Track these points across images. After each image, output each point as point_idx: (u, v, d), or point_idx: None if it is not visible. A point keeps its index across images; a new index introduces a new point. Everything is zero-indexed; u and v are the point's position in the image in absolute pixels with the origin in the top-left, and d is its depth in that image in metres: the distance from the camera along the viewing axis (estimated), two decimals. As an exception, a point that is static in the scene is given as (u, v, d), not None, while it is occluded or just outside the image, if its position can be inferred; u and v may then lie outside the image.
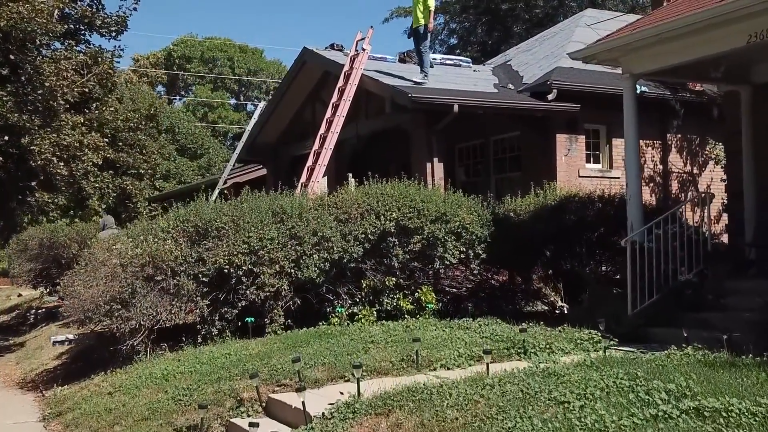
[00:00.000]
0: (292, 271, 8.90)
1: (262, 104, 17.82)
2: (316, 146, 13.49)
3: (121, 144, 17.65)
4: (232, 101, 60.10)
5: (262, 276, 8.71)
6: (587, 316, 8.46)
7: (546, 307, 10.73)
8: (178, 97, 61.10)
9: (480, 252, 9.89)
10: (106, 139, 14.92)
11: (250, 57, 59.29)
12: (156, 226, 9.06)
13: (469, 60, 17.32)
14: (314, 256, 8.99)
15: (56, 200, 15.21)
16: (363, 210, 9.44)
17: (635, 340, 7.81)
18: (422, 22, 13.42)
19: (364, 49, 13.81)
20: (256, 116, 17.66)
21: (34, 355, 11.75)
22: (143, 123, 18.38)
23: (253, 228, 8.79)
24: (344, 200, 9.68)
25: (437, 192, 10.38)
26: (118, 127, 16.62)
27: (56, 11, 12.09)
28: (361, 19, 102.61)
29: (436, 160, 12.77)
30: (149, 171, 19.33)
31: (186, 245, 8.73)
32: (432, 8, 13.44)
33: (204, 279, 8.62)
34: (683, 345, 6.62)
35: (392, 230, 9.41)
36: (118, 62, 15.52)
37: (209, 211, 8.89)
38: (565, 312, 9.23)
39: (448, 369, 6.54)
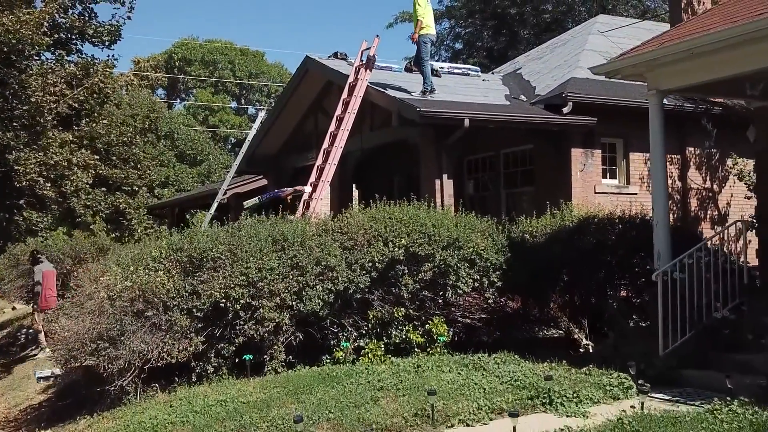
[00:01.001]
0: (294, 303, 8.25)
1: (262, 114, 17.17)
2: (319, 161, 12.85)
3: (114, 158, 16.93)
4: (233, 104, 59.49)
5: (261, 310, 8.06)
6: (613, 354, 7.84)
7: (562, 333, 10.10)
8: (178, 100, 60.56)
9: (495, 279, 9.24)
10: (97, 157, 14.20)
11: (251, 60, 58.66)
12: (147, 254, 8.41)
13: (478, 69, 16.67)
14: (318, 287, 8.34)
15: (45, 219, 14.57)
16: (370, 236, 8.79)
17: (668, 384, 7.18)
18: (422, 30, 12.79)
19: (369, 60, 13.16)
20: (256, 127, 17.02)
21: (20, 385, 11.12)
22: (139, 136, 17.69)
23: (251, 258, 8.14)
24: (350, 225, 9.03)
25: (448, 215, 9.73)
26: (111, 142, 15.94)
27: (45, 22, 11.40)
28: (365, 22, 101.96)
29: (445, 176, 12.12)
30: (143, 187, 18.61)
31: (179, 276, 8.08)
32: (419, 18, 12.73)
33: (198, 314, 7.96)
34: (726, 398, 5.98)
35: (401, 258, 8.77)
36: (112, 72, 14.84)
37: (204, 239, 8.24)
38: (589, 348, 8.58)
39: (467, 425, 5.90)
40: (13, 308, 22.28)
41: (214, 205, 16.67)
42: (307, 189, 12.84)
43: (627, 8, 23.83)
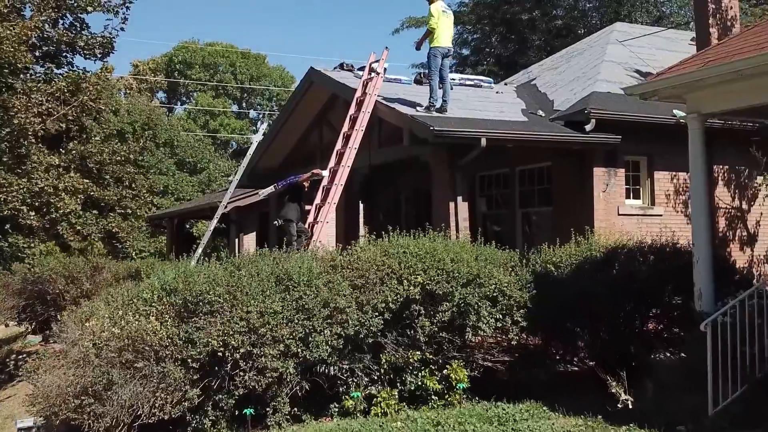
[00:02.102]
0: (299, 350, 7.46)
1: (263, 127, 16.41)
2: (325, 182, 12.07)
3: (108, 177, 16.12)
4: (234, 108, 58.74)
5: (263, 358, 7.27)
6: (656, 412, 7.04)
7: (588, 368, 9.31)
8: (179, 104, 59.85)
9: (519, 319, 8.45)
10: (87, 181, 13.32)
11: (252, 63, 57.90)
12: (137, 297, 7.63)
13: (491, 80, 15.89)
14: (325, 331, 7.56)
15: (33, 244, 13.78)
16: (383, 274, 8.00)
17: (720, 448, 6.40)
18: (433, 42, 12.02)
19: (378, 73, 12.39)
20: (257, 140, 16.26)
21: (3, 426, 10.32)
22: (133, 155, 16.86)
23: (252, 301, 7.36)
24: (360, 260, 8.24)
25: (466, 247, 8.94)
26: (103, 161, 15.12)
27: (31, 39, 10.55)
28: (369, 26, 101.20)
29: (460, 199, 11.34)
30: (137, 210, 17.78)
31: (173, 322, 7.30)
32: (431, 27, 12.00)
33: (194, 364, 7.18)
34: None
35: (417, 297, 7.99)
36: (105, 84, 13.99)
37: (200, 280, 7.45)
38: (628, 404, 7.77)
39: None
40: (6, 325, 21.54)
41: (213, 223, 15.88)
42: (325, 173, 12.07)
43: (642, 14, 23.03)
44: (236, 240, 21.87)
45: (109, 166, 15.19)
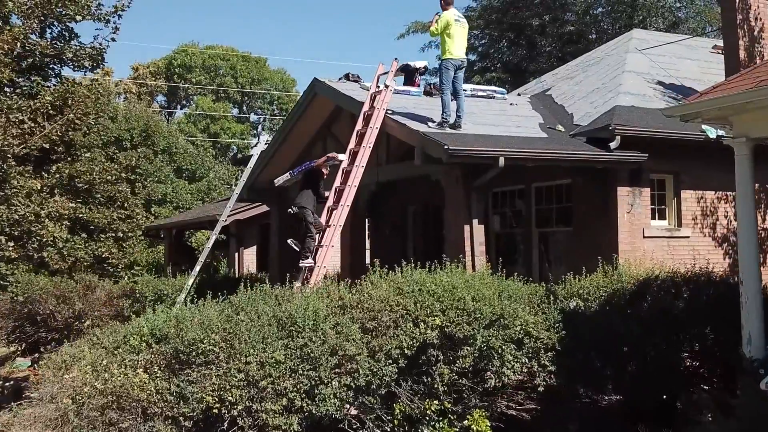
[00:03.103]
0: (305, 404, 6.67)
1: (264, 138, 15.65)
2: (330, 202, 11.28)
3: (99, 196, 15.23)
4: (235, 111, 58.02)
5: (264, 414, 6.49)
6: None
7: (621, 417, 8.52)
8: (179, 107, 59.14)
9: (547, 363, 7.67)
10: (73, 205, 12.44)
11: (253, 66, 57.15)
12: (124, 341, 6.84)
13: (504, 91, 15.08)
14: (333, 383, 6.78)
15: (14, 271, 12.98)
16: (397, 315, 7.22)
17: None
18: (445, 54, 11.22)
19: (387, 86, 11.59)
20: (257, 153, 15.49)
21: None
22: (124, 173, 16.02)
23: (252, 350, 6.57)
24: (371, 298, 7.45)
25: (487, 280, 8.14)
26: (92, 181, 14.21)
27: (8, 55, 9.75)
28: (372, 28, 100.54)
29: (475, 222, 10.53)
30: (129, 233, 16.84)
31: (162, 375, 6.52)
32: (432, 33, 11.35)
33: (186, 423, 6.39)
34: None
35: (435, 341, 7.21)
36: (97, 97, 13.15)
37: (194, 326, 6.65)
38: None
39: None
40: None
41: (212, 239, 15.10)
42: (341, 157, 11.39)
43: (657, 20, 22.21)
44: (236, 254, 21.10)
45: (99, 185, 14.33)
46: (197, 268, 14.52)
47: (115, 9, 13.26)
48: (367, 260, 17.33)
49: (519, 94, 15.92)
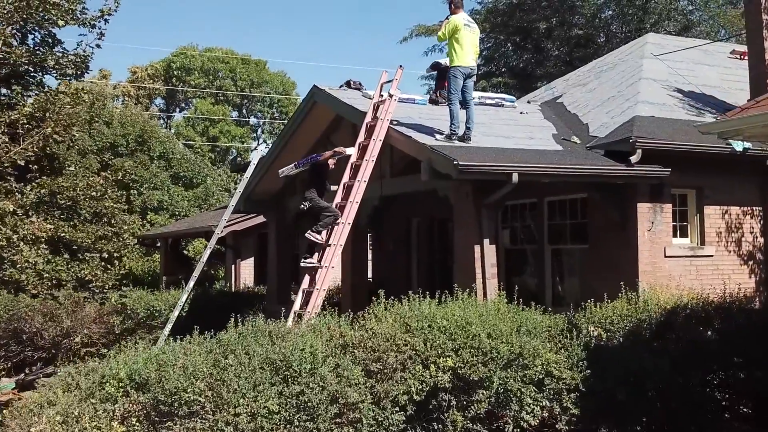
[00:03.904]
0: (302, 459, 5.95)
1: (262, 148, 14.93)
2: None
3: (84, 212, 14.41)
4: (234, 114, 57.35)
5: (256, 472, 5.76)
6: None
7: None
8: (177, 110, 58.47)
9: (570, 405, 6.95)
10: (51, 226, 11.63)
11: (253, 69, 56.48)
12: (99, 387, 6.11)
13: (513, 98, 14.35)
14: (334, 434, 6.05)
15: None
16: (405, 356, 6.50)
17: None
18: (453, 62, 10.48)
19: (391, 95, 10.85)
20: (253, 164, 14.77)
21: None
22: (111, 188, 15.19)
23: (242, 399, 5.84)
24: (376, 335, 6.73)
25: (503, 312, 7.42)
26: (76, 197, 13.40)
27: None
28: (373, 30, 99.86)
29: (486, 242, 9.78)
30: (115, 254, 16.00)
31: (141, 427, 5.80)
32: (440, 38, 10.71)
33: (168, 484, 5.67)
34: None
35: (446, 385, 6.49)
36: (79, 106, 12.37)
37: (177, 372, 5.92)
38: None
39: None
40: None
41: (206, 253, 14.40)
42: (349, 151, 10.87)
43: (669, 24, 21.43)
44: (233, 266, 20.37)
45: (84, 201, 13.52)
46: (191, 283, 13.87)
47: (101, 13, 12.49)
48: (369, 274, 16.63)
49: (528, 102, 15.18)
